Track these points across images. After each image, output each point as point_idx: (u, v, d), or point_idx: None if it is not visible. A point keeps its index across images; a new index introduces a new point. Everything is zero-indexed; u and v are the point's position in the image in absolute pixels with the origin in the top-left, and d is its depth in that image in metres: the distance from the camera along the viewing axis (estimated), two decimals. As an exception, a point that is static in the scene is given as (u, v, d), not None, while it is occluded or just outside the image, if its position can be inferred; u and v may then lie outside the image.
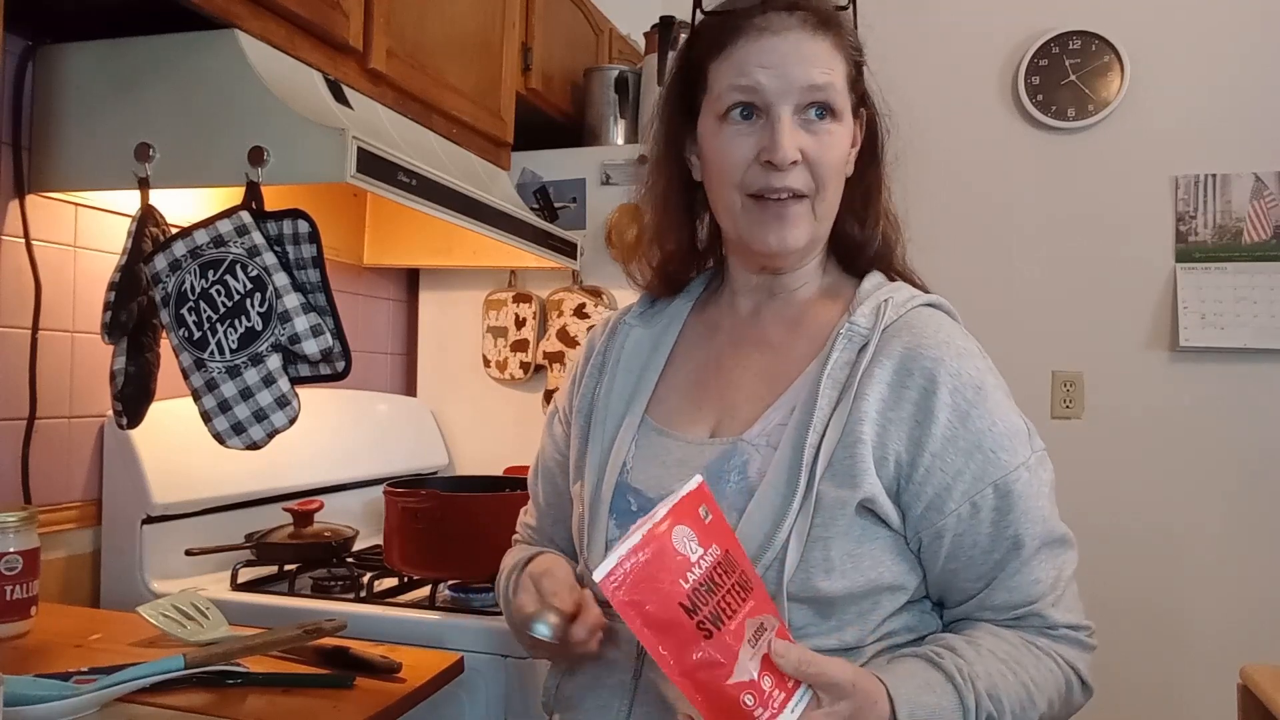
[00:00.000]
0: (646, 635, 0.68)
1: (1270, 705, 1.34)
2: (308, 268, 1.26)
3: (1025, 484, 0.84)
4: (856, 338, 0.87)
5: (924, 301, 0.92)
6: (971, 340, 0.89)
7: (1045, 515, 0.85)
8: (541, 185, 2.14)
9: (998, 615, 0.86)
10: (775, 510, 0.82)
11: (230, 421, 1.24)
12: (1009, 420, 0.85)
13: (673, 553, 0.70)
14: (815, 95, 0.86)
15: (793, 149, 0.85)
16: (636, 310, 1.04)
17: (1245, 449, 2.56)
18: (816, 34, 0.87)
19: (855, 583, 0.81)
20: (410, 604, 1.42)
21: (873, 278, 0.95)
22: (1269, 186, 2.56)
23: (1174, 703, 2.53)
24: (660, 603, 0.68)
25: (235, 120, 1.27)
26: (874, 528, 0.83)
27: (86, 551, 1.45)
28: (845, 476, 0.81)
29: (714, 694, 0.68)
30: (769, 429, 0.87)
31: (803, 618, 0.82)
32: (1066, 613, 0.86)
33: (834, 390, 0.85)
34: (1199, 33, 2.63)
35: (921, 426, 0.82)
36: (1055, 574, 0.85)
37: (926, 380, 0.83)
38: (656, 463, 0.91)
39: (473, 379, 2.20)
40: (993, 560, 0.84)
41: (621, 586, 0.67)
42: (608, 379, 0.99)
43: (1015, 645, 0.84)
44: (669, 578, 0.69)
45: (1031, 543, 0.84)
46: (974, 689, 0.78)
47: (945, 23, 2.80)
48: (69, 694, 0.90)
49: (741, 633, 0.70)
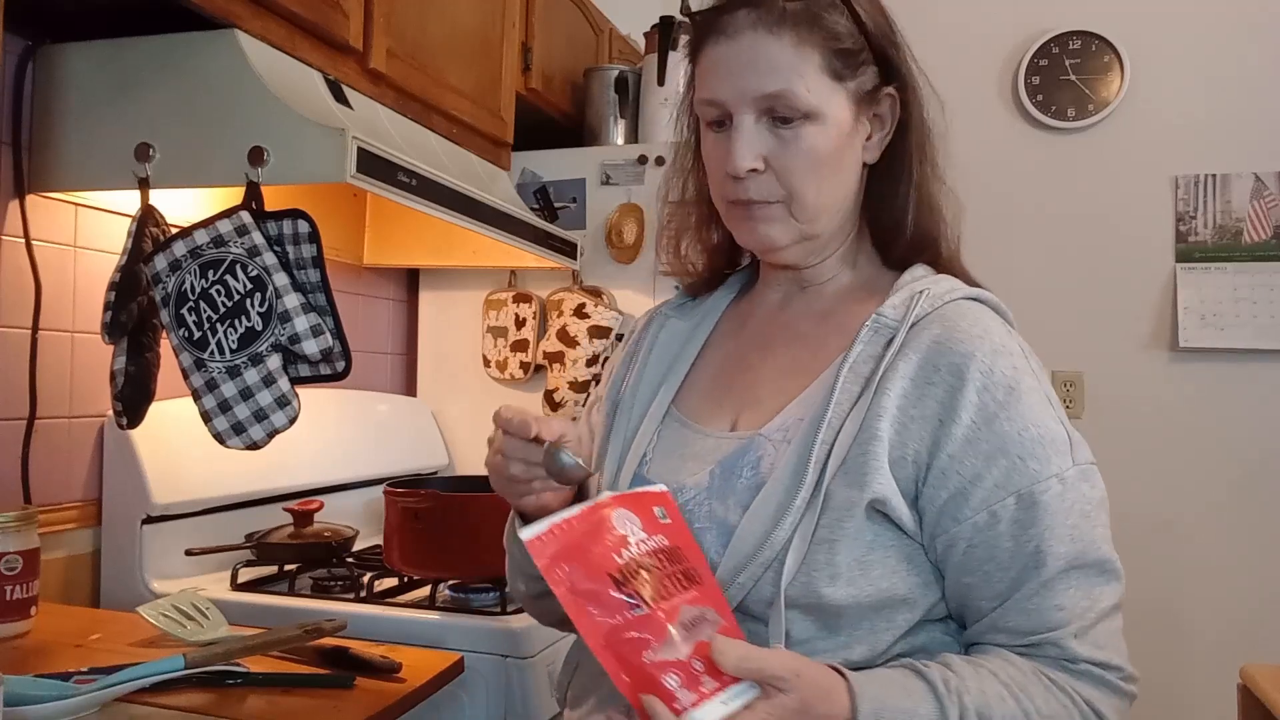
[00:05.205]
0: (570, 601, 0.66)
1: (1270, 705, 1.34)
2: (308, 268, 1.26)
3: (1056, 496, 0.76)
4: (884, 330, 0.82)
5: (966, 295, 0.85)
6: (1015, 339, 0.83)
7: (1079, 535, 0.76)
8: (541, 185, 2.14)
9: (1012, 640, 0.78)
10: (778, 508, 0.78)
11: (230, 421, 1.24)
12: (1045, 426, 0.78)
13: (610, 529, 0.69)
14: (770, 103, 0.82)
15: (748, 159, 0.83)
16: (675, 302, 1.03)
17: (1245, 449, 2.56)
18: (775, 32, 0.81)
19: (864, 592, 0.76)
20: (410, 604, 1.41)
21: (915, 270, 0.89)
22: (1269, 186, 2.56)
23: (1174, 703, 2.53)
24: (589, 571, 0.66)
25: (235, 120, 1.27)
26: (888, 534, 0.77)
27: (86, 551, 1.45)
28: (856, 475, 0.77)
29: (634, 668, 0.65)
30: (788, 424, 0.83)
31: (806, 630, 0.77)
32: (1094, 649, 0.76)
33: (855, 385, 0.80)
34: (1199, 33, 2.63)
35: (943, 425, 0.77)
36: (1087, 604, 0.76)
37: (954, 376, 0.77)
38: (674, 455, 0.90)
39: (473, 379, 2.19)
40: (1010, 578, 0.76)
41: (548, 548, 0.67)
42: (637, 369, 0.98)
43: (1024, 673, 0.76)
44: (602, 550, 0.68)
45: (1055, 562, 0.75)
46: (960, 703, 0.72)
47: (945, 23, 2.80)
48: (69, 694, 0.90)
49: (675, 614, 0.67)
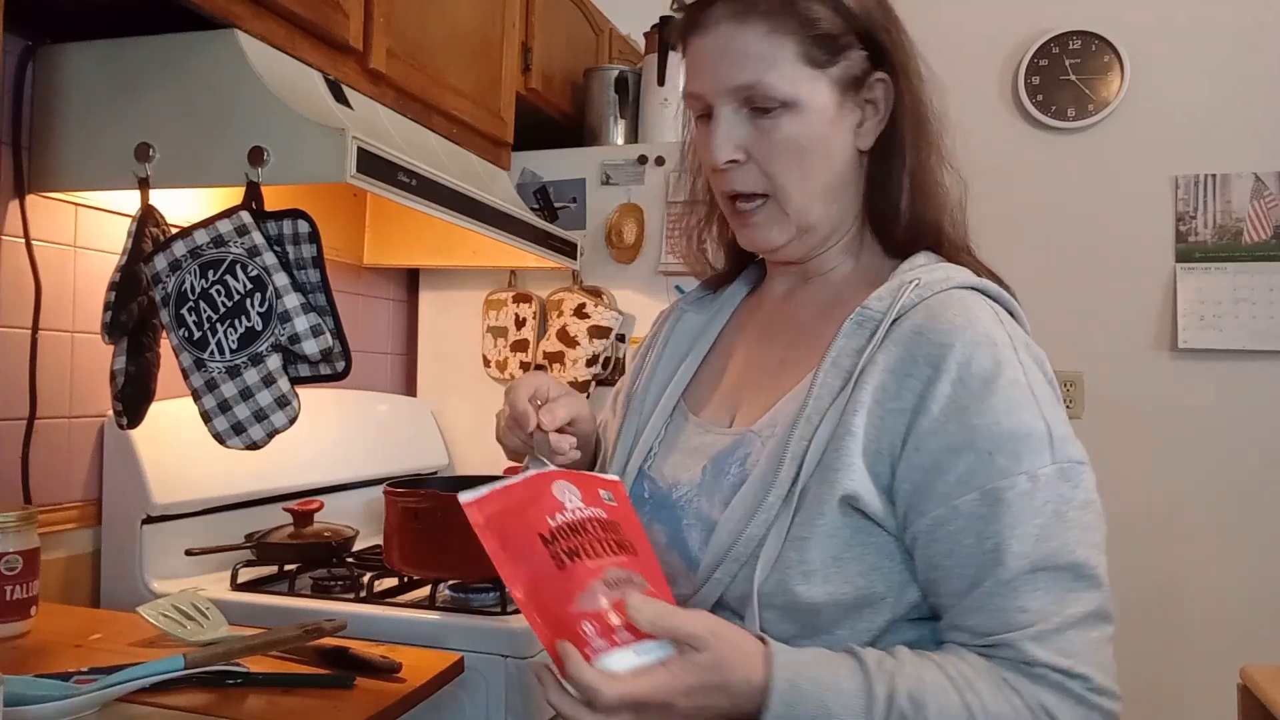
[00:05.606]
0: (497, 554, 0.68)
1: (1270, 705, 1.34)
2: (308, 268, 1.26)
3: (1023, 494, 0.72)
4: (868, 322, 0.79)
5: (961, 284, 0.81)
6: (1006, 329, 0.78)
7: (1048, 536, 0.72)
8: (541, 185, 2.14)
9: (972, 640, 0.74)
10: (754, 505, 0.78)
11: (230, 421, 1.24)
12: (1021, 420, 0.73)
13: (548, 496, 0.71)
14: (746, 94, 0.81)
15: (726, 150, 0.83)
16: (693, 295, 1.03)
17: (1245, 449, 2.56)
18: (746, 22, 0.81)
19: (840, 590, 0.75)
20: (410, 604, 1.41)
21: (916, 259, 0.86)
22: (1269, 186, 2.56)
23: (1174, 703, 2.53)
24: (520, 531, 0.68)
25: (235, 120, 1.27)
26: (866, 530, 0.75)
27: (86, 551, 1.45)
28: (828, 471, 0.75)
29: (553, 616, 0.66)
30: (777, 420, 0.82)
31: (785, 630, 0.76)
32: (1057, 654, 0.70)
33: (837, 379, 0.78)
34: (1199, 33, 2.63)
35: (915, 417, 0.75)
36: (1053, 608, 0.71)
37: (931, 367, 0.75)
38: (676, 449, 0.90)
39: (473, 379, 2.19)
40: (970, 575, 0.73)
41: (485, 510, 0.69)
42: (651, 362, 0.98)
43: (976, 670, 0.72)
44: (536, 514, 0.69)
45: (1016, 562, 0.71)
46: (890, 684, 0.69)
47: (945, 23, 2.80)
48: (69, 694, 0.90)
49: (600, 572, 0.67)
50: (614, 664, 0.64)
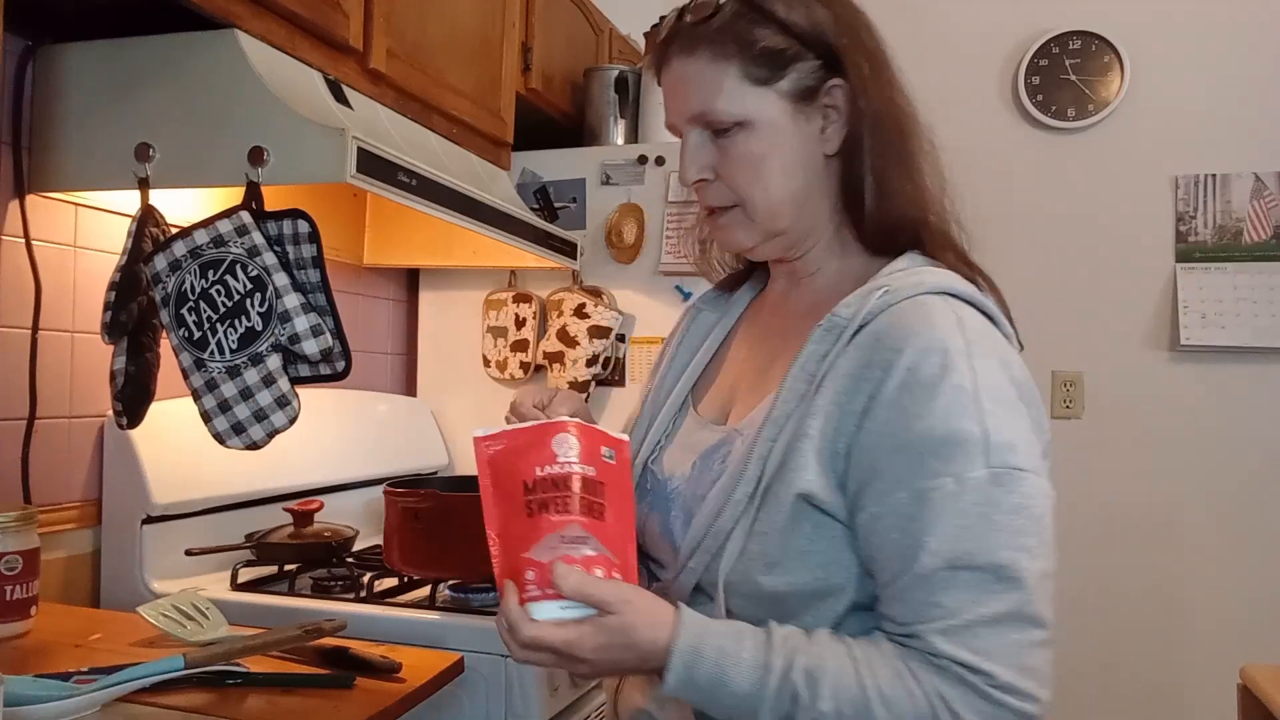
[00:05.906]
0: (488, 495, 0.78)
1: (1270, 705, 1.34)
2: (308, 268, 1.26)
3: (948, 495, 0.73)
4: (835, 329, 0.82)
5: (932, 289, 0.82)
6: (963, 336, 0.78)
7: (970, 536, 0.73)
8: (541, 185, 2.14)
9: (893, 630, 0.77)
10: (723, 499, 0.83)
11: (230, 421, 1.24)
12: (958, 425, 0.74)
13: (545, 445, 0.78)
14: (702, 120, 0.88)
15: (692, 172, 0.90)
16: (710, 294, 1.07)
17: (1245, 448, 2.56)
18: (693, 53, 0.87)
19: (801, 580, 0.79)
20: (410, 604, 1.42)
21: (898, 262, 0.87)
22: (1269, 186, 2.56)
23: (1174, 702, 2.53)
24: (510, 475, 0.77)
25: (235, 120, 1.27)
26: (825, 525, 0.79)
27: (86, 551, 1.45)
28: (787, 470, 0.79)
29: (509, 558, 0.76)
30: (756, 419, 0.86)
31: (753, 615, 0.80)
32: (966, 651, 0.72)
33: (804, 383, 0.82)
34: (1199, 33, 2.63)
35: (864, 418, 0.78)
36: (968, 606, 0.73)
37: (882, 371, 0.77)
38: (677, 445, 0.95)
39: (473, 379, 2.19)
40: (894, 568, 0.76)
41: (491, 448, 0.79)
42: (667, 360, 1.04)
43: (882, 655, 0.75)
44: (530, 460, 0.77)
45: (930, 558, 0.73)
46: (788, 658, 0.74)
47: (945, 23, 2.80)
48: (69, 694, 0.90)
49: (560, 526, 0.75)
50: (539, 613, 0.74)
